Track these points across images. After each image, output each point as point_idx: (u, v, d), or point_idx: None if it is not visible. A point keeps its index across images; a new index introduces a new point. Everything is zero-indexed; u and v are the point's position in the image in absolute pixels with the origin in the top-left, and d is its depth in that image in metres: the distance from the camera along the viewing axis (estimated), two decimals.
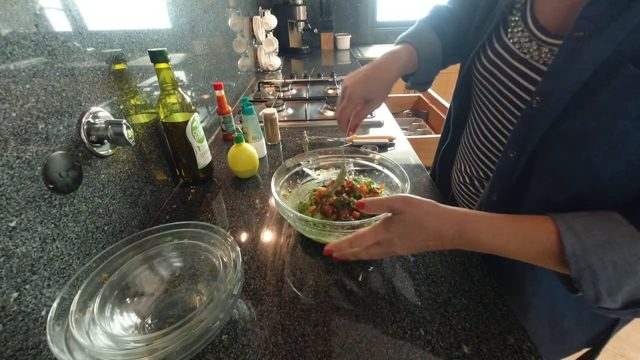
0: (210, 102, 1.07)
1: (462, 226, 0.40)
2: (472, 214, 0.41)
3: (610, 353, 1.36)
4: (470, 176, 0.60)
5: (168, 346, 0.36)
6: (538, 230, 0.37)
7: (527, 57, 0.43)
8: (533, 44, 0.43)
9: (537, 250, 0.37)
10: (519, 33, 0.45)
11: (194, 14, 0.97)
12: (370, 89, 0.57)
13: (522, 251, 0.38)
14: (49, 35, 0.44)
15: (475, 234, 0.39)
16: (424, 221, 0.41)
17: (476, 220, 0.40)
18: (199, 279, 0.51)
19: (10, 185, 0.38)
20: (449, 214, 0.41)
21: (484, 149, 0.54)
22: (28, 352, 0.39)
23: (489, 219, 0.40)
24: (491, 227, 0.39)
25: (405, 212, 0.42)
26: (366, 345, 0.43)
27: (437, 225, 0.40)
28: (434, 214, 0.41)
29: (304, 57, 2.36)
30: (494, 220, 0.40)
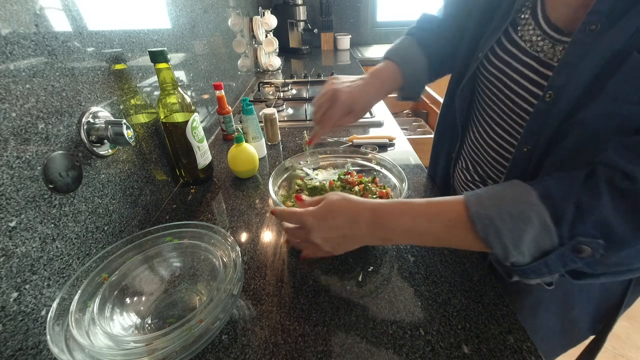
0: (210, 102, 1.07)
1: (375, 210, 0.42)
2: (386, 200, 0.44)
3: (610, 353, 1.36)
4: (480, 175, 0.59)
5: (168, 346, 0.36)
6: (444, 204, 0.40)
7: (541, 55, 0.43)
8: (547, 42, 0.43)
9: (445, 223, 0.39)
10: (530, 31, 0.45)
11: (194, 14, 0.97)
12: (357, 101, 0.59)
13: (431, 226, 0.40)
14: (49, 35, 0.44)
15: (388, 217, 0.41)
16: (340, 204, 0.44)
17: (389, 203, 0.43)
18: (199, 279, 0.51)
19: (10, 185, 0.38)
20: (363, 201, 0.44)
21: (495, 146, 0.54)
22: (28, 352, 0.39)
23: (401, 202, 0.43)
24: (403, 207, 0.42)
25: (324, 198, 0.45)
26: (366, 345, 0.43)
27: (352, 209, 0.43)
28: (350, 200, 0.44)
29: (304, 57, 2.36)
30: (405, 202, 0.42)
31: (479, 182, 0.60)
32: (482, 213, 0.36)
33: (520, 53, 0.46)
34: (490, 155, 0.56)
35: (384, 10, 2.66)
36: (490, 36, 0.50)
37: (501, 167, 0.54)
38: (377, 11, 2.65)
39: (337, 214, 0.43)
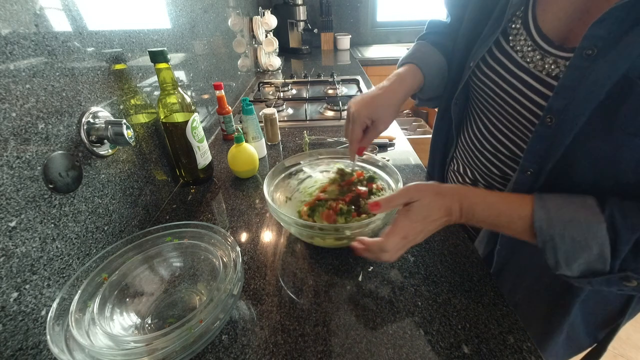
0: (210, 102, 1.07)
1: (462, 201, 0.44)
2: (467, 189, 0.46)
3: (610, 353, 1.36)
4: (471, 178, 0.60)
5: (168, 346, 0.36)
6: (523, 207, 0.41)
7: (531, 66, 0.43)
8: (536, 54, 0.43)
9: (521, 225, 0.41)
10: (522, 41, 0.44)
11: (194, 14, 0.97)
12: (376, 109, 0.56)
13: (510, 225, 0.42)
14: (49, 35, 0.44)
15: (472, 207, 0.44)
16: (437, 200, 0.45)
17: (472, 195, 0.45)
18: (198, 279, 0.51)
19: (10, 185, 0.38)
20: (451, 190, 0.45)
21: (487, 154, 0.55)
22: (28, 352, 0.39)
23: (483, 194, 0.45)
24: (484, 201, 0.44)
25: (421, 197, 0.45)
26: (366, 345, 0.43)
27: (447, 202, 0.44)
28: (441, 193, 0.45)
29: (304, 57, 2.36)
30: (486, 196, 0.44)
31: (470, 184, 0.60)
32: (545, 230, 0.38)
33: (510, 64, 0.46)
34: (480, 161, 0.56)
35: (384, 10, 2.66)
36: (481, 45, 0.50)
37: (491, 173, 0.55)
38: (377, 11, 2.65)
39: (435, 208, 0.44)
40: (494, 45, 0.48)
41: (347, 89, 1.50)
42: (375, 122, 0.57)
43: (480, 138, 0.56)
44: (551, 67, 0.41)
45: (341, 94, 1.41)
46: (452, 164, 0.68)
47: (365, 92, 0.59)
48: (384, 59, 2.24)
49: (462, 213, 0.44)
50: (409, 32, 2.68)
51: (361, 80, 1.61)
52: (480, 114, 0.55)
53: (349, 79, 1.64)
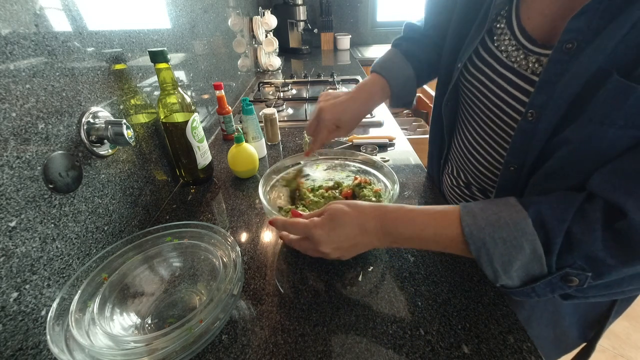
0: (210, 102, 1.07)
1: (382, 218, 0.43)
2: (390, 207, 0.44)
3: (610, 353, 1.36)
4: (464, 181, 0.60)
5: (168, 346, 0.36)
6: (448, 217, 0.40)
7: (515, 65, 0.43)
8: (520, 53, 0.43)
9: (449, 236, 0.39)
10: (506, 41, 0.44)
11: (194, 14, 0.97)
12: (342, 118, 0.60)
13: (436, 238, 0.41)
14: (49, 35, 0.44)
15: (393, 223, 0.42)
16: (349, 215, 0.44)
17: (393, 211, 0.43)
18: (199, 279, 0.51)
19: (10, 185, 0.38)
20: (369, 208, 0.44)
21: (477, 156, 0.55)
22: (28, 352, 0.39)
23: (405, 210, 0.43)
24: (407, 216, 0.42)
25: (331, 209, 0.45)
26: (366, 345, 0.43)
27: (360, 219, 0.43)
28: (356, 208, 0.44)
29: (304, 57, 2.36)
30: (410, 211, 0.43)
31: (464, 187, 0.61)
32: (476, 235, 0.37)
33: (496, 64, 0.46)
34: (472, 164, 0.57)
35: (384, 10, 2.66)
36: (467, 46, 0.50)
37: (483, 176, 0.55)
38: (377, 11, 2.65)
39: (346, 223, 0.43)
40: (480, 46, 0.48)
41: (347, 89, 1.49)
42: (339, 128, 0.61)
43: (471, 140, 0.56)
44: (535, 66, 0.41)
45: None
46: (446, 166, 0.68)
47: (336, 94, 0.62)
48: None
49: (383, 232, 0.43)
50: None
51: (361, 80, 1.61)
52: (469, 117, 0.56)
53: (349, 79, 1.64)
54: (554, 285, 0.35)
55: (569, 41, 0.35)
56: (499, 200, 0.39)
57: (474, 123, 0.54)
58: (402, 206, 0.44)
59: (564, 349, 0.62)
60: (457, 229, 0.39)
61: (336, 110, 0.60)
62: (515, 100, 0.44)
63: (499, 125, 0.48)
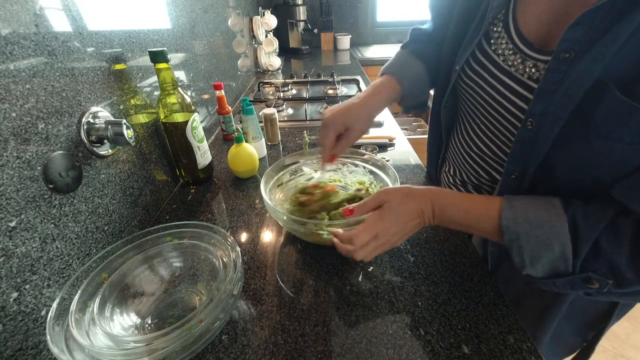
0: (210, 102, 1.07)
1: (433, 201, 0.46)
2: (438, 191, 0.47)
3: (610, 353, 1.36)
4: (462, 180, 0.61)
5: (168, 346, 0.36)
6: (490, 208, 0.42)
7: (512, 70, 0.43)
8: (517, 57, 0.43)
9: (489, 224, 0.42)
10: (503, 45, 0.44)
11: (194, 14, 0.97)
12: (350, 117, 0.57)
13: (478, 224, 0.43)
14: (49, 35, 0.44)
15: (443, 208, 0.45)
16: (407, 202, 0.46)
17: (443, 196, 0.46)
18: (199, 279, 0.51)
19: (10, 185, 0.38)
20: (421, 192, 0.47)
21: (474, 156, 0.55)
22: (28, 352, 0.39)
23: (453, 195, 0.46)
24: (455, 202, 0.45)
25: (390, 199, 0.46)
26: (366, 345, 0.43)
27: (418, 203, 0.46)
28: (411, 195, 0.46)
29: (304, 57, 2.36)
30: (457, 197, 0.46)
31: (460, 184, 0.61)
32: (512, 229, 0.39)
33: (493, 67, 0.46)
34: (469, 164, 0.57)
35: (384, 10, 2.66)
36: (465, 48, 0.50)
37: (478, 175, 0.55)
38: (377, 11, 2.65)
39: (406, 211, 0.46)
40: (477, 49, 0.48)
41: (347, 89, 1.50)
42: (348, 130, 0.58)
43: (468, 141, 0.56)
44: (532, 71, 0.41)
45: (341, 94, 1.41)
46: (444, 166, 0.69)
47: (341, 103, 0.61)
48: (384, 59, 2.24)
49: (434, 214, 0.46)
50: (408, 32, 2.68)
51: (361, 80, 1.61)
52: (468, 118, 0.56)
53: (349, 79, 1.64)
54: (574, 284, 0.38)
55: (566, 50, 0.35)
56: (542, 199, 0.40)
57: (472, 124, 0.54)
58: (448, 192, 0.47)
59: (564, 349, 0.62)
60: (496, 219, 0.41)
61: (341, 112, 0.57)
62: (511, 104, 0.44)
63: (496, 127, 0.48)
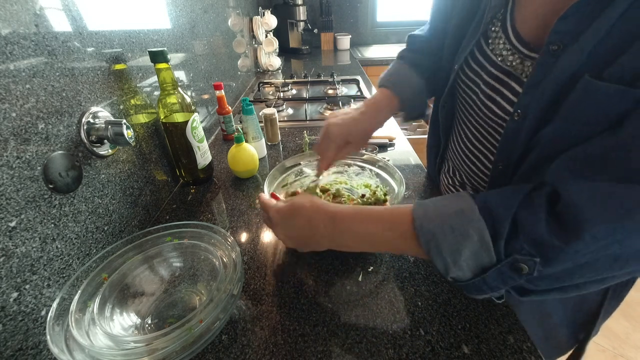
0: (210, 102, 1.07)
1: (334, 215, 0.43)
2: (345, 206, 0.45)
3: (610, 353, 1.36)
4: (461, 181, 0.61)
5: (168, 346, 0.36)
6: (399, 213, 0.40)
7: (511, 69, 0.43)
8: (516, 57, 0.43)
9: (399, 232, 0.39)
10: (501, 45, 0.45)
11: (194, 14, 0.97)
12: (351, 133, 0.58)
13: (385, 235, 0.41)
14: (49, 35, 0.44)
15: (344, 221, 0.43)
16: (302, 207, 0.45)
17: (346, 209, 0.44)
18: (199, 279, 0.51)
19: (10, 185, 0.38)
20: (325, 206, 0.45)
21: (472, 157, 0.55)
22: (28, 352, 0.39)
23: (358, 208, 0.44)
24: (358, 213, 0.43)
25: (294, 198, 0.47)
26: (366, 345, 0.43)
27: (311, 212, 0.44)
28: (313, 204, 0.45)
29: (304, 57, 2.36)
30: (362, 208, 0.44)
31: (459, 186, 0.61)
32: (425, 226, 0.37)
33: (491, 66, 0.46)
34: (467, 165, 0.57)
35: (384, 10, 2.66)
36: (464, 48, 0.50)
37: (476, 176, 0.55)
38: (377, 11, 2.65)
39: (299, 215, 0.45)
40: (476, 48, 0.48)
41: (347, 89, 1.50)
42: (350, 143, 0.59)
43: (465, 141, 0.56)
44: (529, 70, 0.41)
45: (341, 94, 1.41)
46: (443, 165, 0.69)
47: (343, 112, 0.61)
48: (384, 59, 2.24)
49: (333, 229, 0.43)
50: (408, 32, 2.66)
51: (361, 80, 1.61)
52: (465, 117, 0.56)
53: (349, 79, 1.64)
54: (504, 275, 0.34)
55: (555, 43, 0.35)
56: (451, 194, 0.39)
57: (469, 124, 0.55)
58: (356, 207, 0.45)
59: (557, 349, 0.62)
60: (407, 225, 0.38)
61: (345, 125, 0.58)
62: (508, 103, 0.44)
63: (492, 127, 0.49)
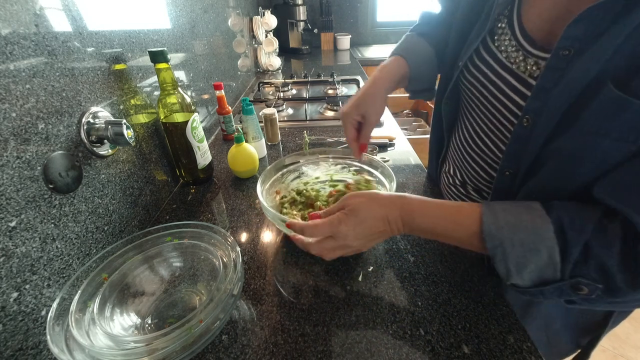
0: (210, 102, 1.07)
1: (402, 208, 0.44)
2: (408, 197, 0.45)
3: (610, 353, 1.36)
4: (462, 181, 0.60)
5: (168, 346, 0.36)
6: (463, 213, 0.41)
7: (514, 67, 0.43)
8: (519, 54, 0.42)
9: (465, 231, 0.40)
10: (506, 41, 0.44)
11: (194, 14, 0.97)
12: (362, 104, 0.58)
13: (450, 232, 0.41)
14: (49, 35, 0.44)
15: (411, 215, 0.43)
16: (372, 207, 0.44)
17: (411, 202, 0.44)
18: (199, 279, 0.51)
19: (10, 185, 0.38)
20: (389, 198, 0.45)
21: (474, 155, 0.55)
22: (28, 352, 0.39)
23: (422, 202, 0.44)
24: (423, 208, 0.43)
25: (352, 203, 0.45)
26: (366, 345, 0.43)
27: (383, 210, 0.44)
28: (378, 199, 0.45)
29: (304, 57, 2.36)
30: (426, 202, 0.44)
31: (460, 186, 0.61)
32: (494, 233, 0.37)
33: (496, 64, 0.45)
34: (469, 164, 0.56)
35: (384, 10, 2.66)
36: (469, 45, 0.50)
37: (478, 176, 0.55)
38: (377, 11, 2.65)
39: (370, 216, 0.44)
40: (481, 45, 0.48)
41: (347, 89, 1.50)
42: (365, 117, 0.58)
43: (468, 140, 0.56)
44: (533, 69, 0.41)
45: (341, 94, 1.41)
46: (444, 165, 0.68)
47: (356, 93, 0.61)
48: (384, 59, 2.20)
49: (402, 221, 0.43)
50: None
51: (361, 80, 1.61)
52: (469, 116, 0.55)
53: (349, 79, 1.64)
54: (562, 291, 0.36)
55: (566, 48, 0.35)
56: (522, 203, 0.39)
57: (473, 122, 0.54)
58: (419, 197, 0.45)
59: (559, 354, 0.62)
60: (474, 226, 0.39)
61: (353, 103, 0.58)
62: (512, 102, 0.44)
63: (496, 126, 0.48)
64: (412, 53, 0.61)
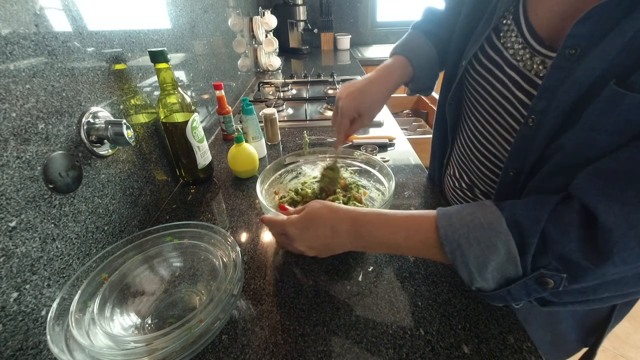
0: (210, 102, 1.07)
1: (355, 220, 0.43)
2: (364, 210, 0.45)
3: (610, 353, 1.36)
4: (467, 183, 0.60)
5: (168, 346, 0.36)
6: (421, 221, 0.40)
7: (520, 65, 0.42)
8: (526, 52, 0.42)
9: (421, 239, 0.40)
10: (513, 38, 0.44)
11: (194, 14, 0.97)
12: (362, 104, 0.58)
13: (408, 242, 0.41)
14: (49, 35, 0.44)
15: (366, 226, 0.43)
16: (321, 214, 0.45)
17: (368, 213, 0.44)
18: (199, 279, 0.51)
19: (11, 185, 0.38)
20: (344, 210, 0.45)
21: (480, 156, 0.54)
22: (28, 352, 0.39)
23: (380, 213, 0.44)
24: (380, 219, 0.43)
25: (310, 208, 0.46)
26: (366, 345, 0.43)
27: (332, 219, 0.44)
28: (331, 209, 0.45)
29: (304, 57, 2.36)
30: (384, 214, 0.43)
31: (466, 189, 0.60)
32: (451, 236, 0.37)
33: (502, 61, 0.45)
34: (476, 166, 0.56)
35: (384, 10, 2.66)
36: (473, 43, 0.49)
37: (486, 178, 0.54)
38: (377, 11, 2.65)
39: (319, 223, 0.45)
40: (487, 43, 0.47)
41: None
42: (362, 115, 0.59)
43: (474, 141, 0.55)
44: (539, 67, 0.40)
45: None
46: (448, 168, 0.67)
47: (354, 82, 0.60)
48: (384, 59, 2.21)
49: (355, 234, 0.43)
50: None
51: None
52: (473, 116, 0.55)
53: (349, 79, 1.64)
54: (529, 288, 0.35)
55: (572, 47, 0.34)
56: (475, 203, 0.39)
57: (477, 123, 0.53)
58: (376, 210, 0.45)
59: (564, 352, 0.62)
60: (431, 232, 0.38)
61: (354, 97, 0.58)
62: (518, 101, 0.43)
63: (502, 125, 0.48)
64: (417, 55, 0.60)
